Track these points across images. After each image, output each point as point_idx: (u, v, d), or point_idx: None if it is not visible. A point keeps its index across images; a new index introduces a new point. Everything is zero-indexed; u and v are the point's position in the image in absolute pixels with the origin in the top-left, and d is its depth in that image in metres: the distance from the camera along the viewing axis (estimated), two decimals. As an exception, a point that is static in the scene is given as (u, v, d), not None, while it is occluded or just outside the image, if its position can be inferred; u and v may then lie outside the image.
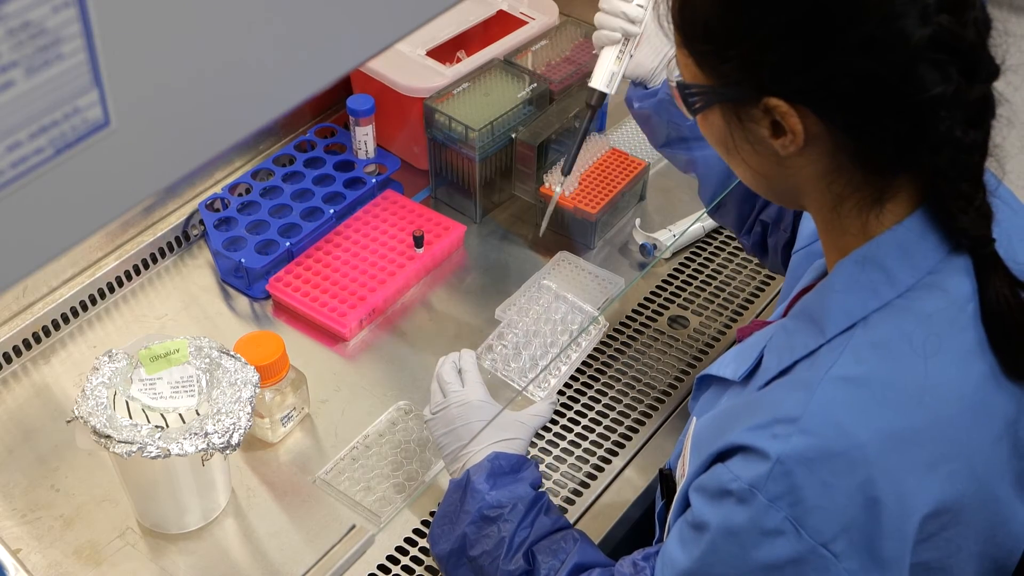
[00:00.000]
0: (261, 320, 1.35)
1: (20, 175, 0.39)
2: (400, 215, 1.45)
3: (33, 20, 0.37)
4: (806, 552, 0.73)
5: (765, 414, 0.75)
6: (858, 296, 0.77)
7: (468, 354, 1.14)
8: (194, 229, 1.44)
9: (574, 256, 1.41)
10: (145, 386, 1.04)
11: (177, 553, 1.10)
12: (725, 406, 0.85)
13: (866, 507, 0.72)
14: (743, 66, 0.74)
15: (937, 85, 0.69)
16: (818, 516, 0.72)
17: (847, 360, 0.75)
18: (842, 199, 0.77)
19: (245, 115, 0.48)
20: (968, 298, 0.76)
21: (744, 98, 0.75)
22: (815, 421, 0.73)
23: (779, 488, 0.72)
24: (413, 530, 1.13)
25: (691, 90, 0.79)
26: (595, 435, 1.22)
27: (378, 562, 1.10)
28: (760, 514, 0.73)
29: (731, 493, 0.75)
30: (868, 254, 0.77)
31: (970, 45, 0.70)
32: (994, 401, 0.77)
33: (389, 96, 1.47)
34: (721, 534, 0.76)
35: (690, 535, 0.80)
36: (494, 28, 1.59)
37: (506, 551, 0.94)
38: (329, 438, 1.21)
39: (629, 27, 1.15)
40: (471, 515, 0.97)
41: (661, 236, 1.44)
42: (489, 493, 0.97)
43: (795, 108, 0.72)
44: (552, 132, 1.44)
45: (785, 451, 0.72)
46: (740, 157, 0.80)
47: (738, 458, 0.76)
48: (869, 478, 0.72)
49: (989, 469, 0.77)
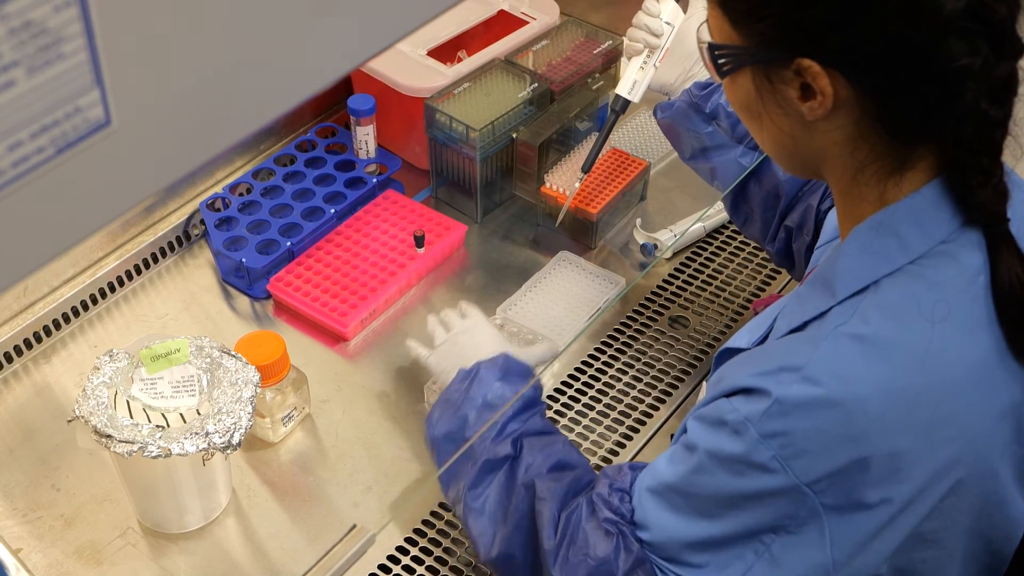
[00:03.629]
0: (262, 320, 1.35)
1: (21, 174, 0.39)
2: (401, 215, 1.45)
3: (34, 19, 0.37)
4: (788, 488, 0.75)
5: (772, 362, 0.77)
6: (870, 260, 0.78)
7: (470, 304, 1.18)
8: (195, 229, 1.44)
9: (575, 256, 1.41)
10: (146, 386, 1.04)
11: (178, 553, 1.10)
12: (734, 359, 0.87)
13: (857, 459, 0.74)
14: (779, 24, 0.75)
15: (966, 56, 0.71)
16: (807, 459, 0.74)
17: (856, 320, 0.76)
18: (863, 167, 0.78)
19: (246, 115, 0.48)
20: (979, 270, 0.77)
21: (776, 59, 0.77)
22: (818, 370, 0.74)
23: (773, 426, 0.75)
24: (413, 530, 1.13)
25: (722, 51, 0.81)
26: (596, 435, 1.22)
27: (378, 562, 1.10)
28: (750, 447, 0.76)
29: (726, 423, 0.78)
30: (883, 220, 0.78)
31: (1001, 20, 0.71)
32: (998, 377, 0.77)
33: (390, 96, 1.47)
34: (708, 457, 0.80)
35: (680, 453, 0.84)
36: (495, 28, 1.59)
37: (496, 434, 0.99)
38: (330, 438, 1.21)
39: (652, 39, 1.24)
40: (474, 400, 1.02)
41: (662, 236, 1.44)
42: (495, 383, 1.02)
43: (826, 70, 0.74)
44: (553, 132, 1.44)
45: (786, 394, 0.75)
46: (766, 119, 0.81)
47: (740, 396, 0.78)
48: (864, 431, 0.73)
49: (988, 443, 0.78)
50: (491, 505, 0.96)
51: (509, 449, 0.97)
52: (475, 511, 0.97)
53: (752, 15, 0.77)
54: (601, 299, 1.35)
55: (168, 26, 0.41)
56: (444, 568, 1.09)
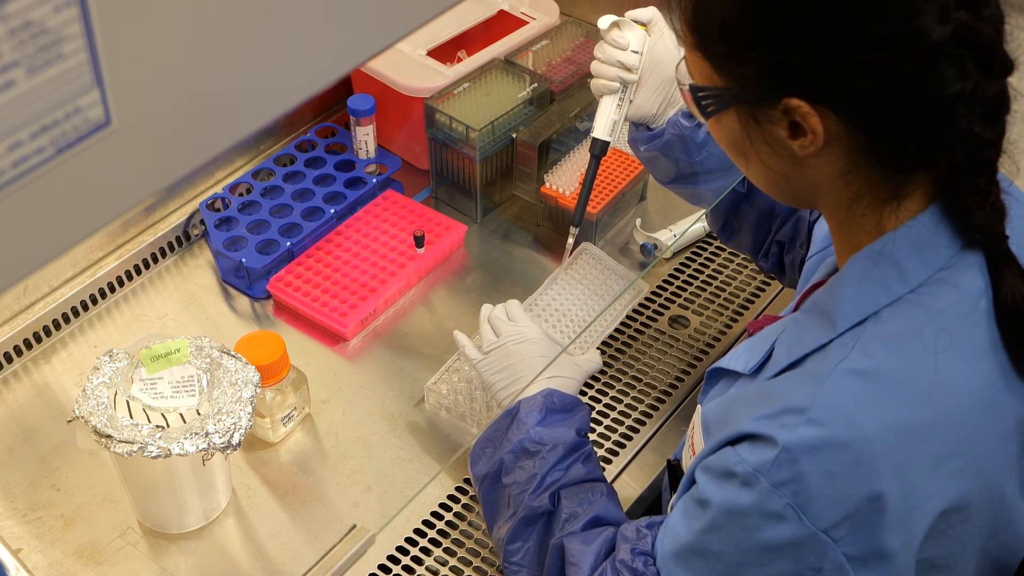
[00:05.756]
0: (262, 320, 1.35)
1: (21, 175, 0.39)
2: (401, 215, 1.45)
3: (34, 20, 0.37)
4: (806, 537, 0.73)
5: (775, 404, 0.76)
6: (870, 291, 0.77)
7: (515, 303, 1.16)
8: (195, 229, 1.44)
9: (596, 248, 1.40)
10: (146, 386, 1.04)
11: (178, 553, 1.10)
12: (734, 394, 0.85)
13: (870, 499, 0.72)
14: (763, 68, 0.73)
15: (957, 82, 0.69)
16: (820, 504, 0.72)
17: (857, 354, 0.75)
18: (858, 197, 0.77)
19: (245, 115, 0.48)
20: (980, 294, 0.77)
21: (762, 99, 0.75)
22: (823, 412, 0.73)
23: (784, 475, 0.73)
24: (414, 530, 1.13)
25: (705, 93, 0.79)
26: (596, 435, 1.22)
27: (378, 562, 1.10)
28: (763, 498, 0.74)
29: (736, 475, 0.76)
30: (881, 249, 0.77)
31: (987, 40, 0.70)
32: (1005, 399, 0.77)
33: (390, 96, 1.47)
34: (723, 513, 0.77)
35: (694, 510, 0.81)
36: (495, 28, 1.59)
37: (535, 487, 0.97)
38: (330, 438, 1.21)
39: (626, 75, 1.15)
40: (512, 444, 1.00)
41: (662, 236, 1.44)
42: (534, 428, 1.00)
43: (815, 108, 0.72)
44: (553, 132, 1.44)
45: (792, 440, 0.73)
46: (755, 159, 0.79)
47: (746, 444, 0.76)
48: (875, 470, 0.72)
49: (996, 467, 0.77)
50: (528, 561, 0.97)
51: (547, 504, 0.96)
52: (514, 565, 0.98)
53: (733, 58, 0.75)
54: (617, 291, 1.35)
55: (168, 26, 0.41)
56: (444, 568, 1.09)
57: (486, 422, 1.17)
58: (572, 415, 1.03)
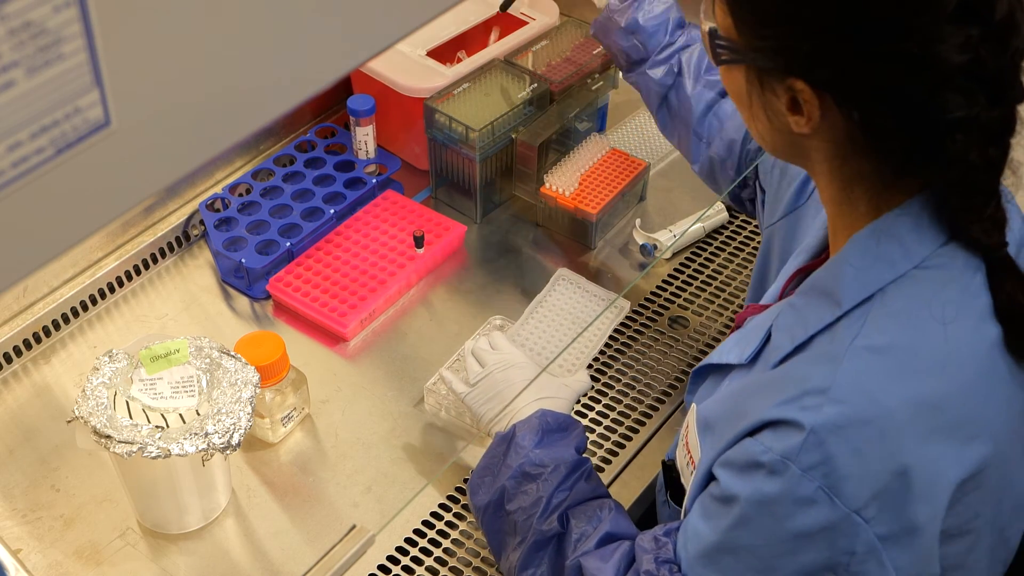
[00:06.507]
0: (261, 320, 1.35)
1: (21, 175, 0.39)
2: (400, 215, 1.45)
3: (34, 20, 0.37)
4: (839, 519, 0.73)
5: (793, 388, 0.76)
6: (874, 268, 0.77)
7: (498, 334, 1.16)
8: (194, 229, 1.44)
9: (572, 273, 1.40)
10: (145, 386, 1.04)
11: (177, 553, 1.10)
12: (735, 386, 0.85)
13: (897, 474, 0.73)
14: (779, 47, 0.75)
15: (960, 109, 0.70)
16: (851, 484, 0.73)
17: (869, 330, 0.76)
18: (851, 182, 0.79)
19: (245, 115, 0.48)
20: (978, 266, 0.78)
21: (771, 70, 0.76)
22: (845, 390, 0.74)
23: (813, 458, 0.73)
24: (413, 530, 1.13)
25: (722, 42, 0.80)
26: (596, 435, 1.22)
27: (378, 562, 1.10)
28: (793, 484, 0.74)
29: (762, 465, 0.75)
30: (883, 227, 0.78)
31: (1002, 73, 0.71)
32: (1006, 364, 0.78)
33: (390, 96, 1.47)
34: (752, 505, 0.76)
35: (716, 509, 0.80)
36: (494, 28, 1.59)
37: (542, 511, 0.95)
38: (329, 438, 1.21)
39: None
40: (512, 470, 0.97)
41: (661, 236, 1.44)
42: (533, 451, 0.98)
43: (817, 93, 0.74)
44: (553, 132, 1.44)
45: (818, 421, 0.73)
46: (757, 113, 0.80)
47: (768, 432, 0.76)
48: (899, 445, 0.73)
49: (1004, 432, 0.78)
50: None
51: (556, 526, 0.94)
52: None
53: (756, 27, 0.76)
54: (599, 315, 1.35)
55: (168, 26, 0.41)
56: (444, 568, 1.09)
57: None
58: (568, 434, 1.01)
